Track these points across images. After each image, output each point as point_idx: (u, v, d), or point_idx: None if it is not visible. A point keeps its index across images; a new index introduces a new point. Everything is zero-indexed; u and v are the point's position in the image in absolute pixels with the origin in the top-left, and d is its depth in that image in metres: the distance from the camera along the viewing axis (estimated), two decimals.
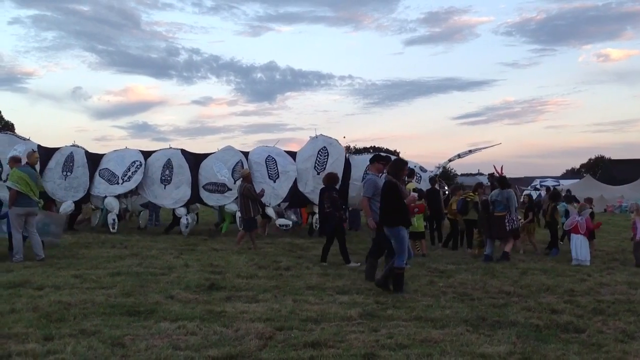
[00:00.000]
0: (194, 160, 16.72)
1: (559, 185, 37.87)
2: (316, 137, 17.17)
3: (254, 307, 7.03)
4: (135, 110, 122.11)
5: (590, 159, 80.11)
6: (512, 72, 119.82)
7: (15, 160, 11.15)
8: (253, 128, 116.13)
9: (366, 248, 11.20)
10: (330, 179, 11.61)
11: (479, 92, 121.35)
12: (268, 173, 16.42)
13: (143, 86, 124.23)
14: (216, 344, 5.44)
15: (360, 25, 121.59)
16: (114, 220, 15.93)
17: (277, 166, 16.50)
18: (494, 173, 14.12)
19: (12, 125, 67.47)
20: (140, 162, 16.56)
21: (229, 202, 16.13)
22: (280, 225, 16.39)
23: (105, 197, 16.17)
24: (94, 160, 16.80)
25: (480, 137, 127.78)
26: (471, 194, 13.96)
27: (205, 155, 17.00)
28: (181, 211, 16.14)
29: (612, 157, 73.71)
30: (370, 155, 15.47)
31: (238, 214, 15.82)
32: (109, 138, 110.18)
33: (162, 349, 5.24)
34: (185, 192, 16.23)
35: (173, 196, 16.36)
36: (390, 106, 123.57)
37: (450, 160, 19.74)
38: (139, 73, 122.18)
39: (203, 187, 16.35)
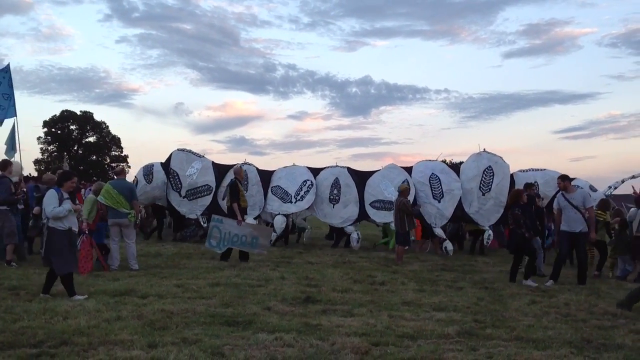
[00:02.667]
0: (358, 178, 16.91)
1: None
2: (479, 153, 16.46)
3: (350, 321, 7.02)
4: (233, 125, 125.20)
5: None
6: (617, 84, 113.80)
7: (114, 173, 11.96)
8: (347, 142, 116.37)
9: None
10: (514, 196, 11.23)
11: (582, 105, 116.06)
12: (432, 193, 16.07)
13: (241, 101, 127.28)
14: (312, 357, 5.46)
15: (457, 38, 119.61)
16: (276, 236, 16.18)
17: (441, 185, 16.08)
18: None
19: (119, 139, 71.25)
20: (312, 182, 16.80)
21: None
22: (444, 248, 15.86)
23: (278, 214, 16.34)
24: (264, 177, 17.14)
25: (583, 152, 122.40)
26: (599, 212, 12.82)
27: (370, 174, 17.07)
28: (350, 228, 16.49)
29: None
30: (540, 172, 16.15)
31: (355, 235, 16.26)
32: (208, 152, 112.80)
33: (260, 359, 5.32)
34: (354, 211, 16.46)
35: (341, 215, 16.57)
36: (488, 120, 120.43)
37: (623, 181, 18.46)
38: (237, 89, 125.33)
39: (370, 204, 16.43)
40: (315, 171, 17.27)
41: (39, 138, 67.44)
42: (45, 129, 67.08)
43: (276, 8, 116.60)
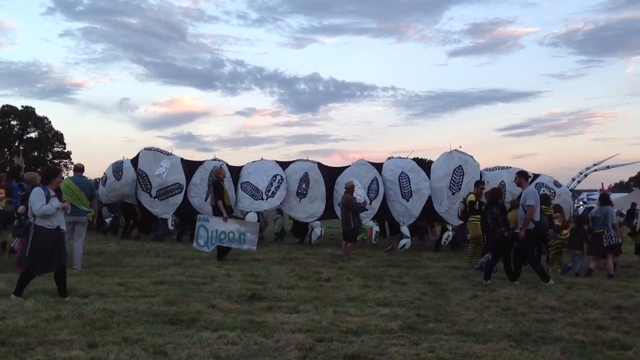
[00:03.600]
0: (329, 174, 16.77)
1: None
2: (450, 152, 16.51)
3: (295, 317, 7.03)
4: (180, 121, 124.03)
5: (639, 172, 78.01)
6: (558, 83, 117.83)
7: (74, 170, 11.79)
8: (296, 139, 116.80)
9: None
10: (493, 195, 11.24)
11: (524, 103, 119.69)
12: (401, 192, 16.01)
13: (188, 97, 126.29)
14: (256, 354, 5.46)
15: (403, 36, 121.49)
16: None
17: (410, 184, 16.05)
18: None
19: (62, 135, 69.56)
20: (282, 177, 16.55)
21: (366, 220, 15.85)
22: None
23: (250, 211, 16.00)
24: (234, 173, 16.81)
25: (525, 149, 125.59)
26: (543, 206, 13.16)
27: (340, 170, 16.94)
28: (315, 223, 16.42)
29: None
30: (506, 170, 16.28)
31: (375, 229, 16.25)
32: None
33: (203, 358, 5.29)
34: (320, 207, 16.32)
35: (307, 210, 16.46)
36: (433, 117, 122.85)
37: (582, 174, 18.72)
38: (184, 84, 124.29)
39: (339, 204, 15.95)
40: (284, 165, 17.10)
41: None
42: None
43: (224, 3, 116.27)
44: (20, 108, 66.66)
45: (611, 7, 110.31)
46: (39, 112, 67.63)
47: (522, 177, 11.17)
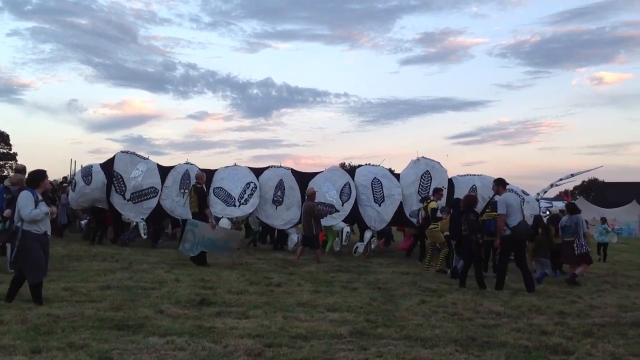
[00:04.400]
0: (302, 180, 16.82)
1: (552, 206, 37.86)
2: (418, 159, 16.90)
3: (244, 323, 7.01)
4: (130, 123, 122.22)
5: (583, 182, 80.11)
6: (506, 93, 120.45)
7: (15, 171, 11.47)
8: (248, 143, 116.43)
9: None
10: (469, 201, 11.35)
11: (473, 112, 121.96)
12: (374, 196, 16.31)
13: (139, 100, 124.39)
14: None
15: (356, 43, 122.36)
16: None
17: (382, 189, 16.35)
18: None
19: (8, 136, 67.66)
20: (255, 184, 16.56)
21: (336, 222, 16.14)
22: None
23: (222, 217, 15.85)
24: (207, 177, 16.34)
25: (474, 157, 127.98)
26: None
27: (312, 175, 17.10)
28: (291, 230, 16.45)
29: (606, 180, 74.00)
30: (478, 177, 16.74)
31: (346, 230, 16.63)
32: (103, 151, 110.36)
33: None
34: (296, 214, 16.22)
35: (284, 217, 16.44)
36: (385, 124, 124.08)
37: (552, 185, 19.05)
38: (135, 87, 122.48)
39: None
40: (257, 171, 17.18)
41: None
42: None
43: (176, 6, 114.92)
44: None
45: (558, 20, 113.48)
46: None
47: (500, 185, 11.12)
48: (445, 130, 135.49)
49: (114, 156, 16.98)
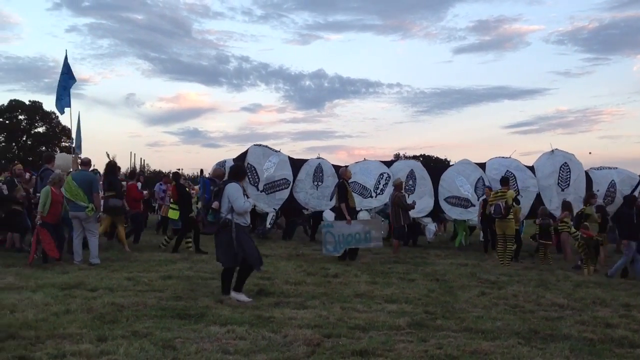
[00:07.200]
0: (431, 172, 17.05)
1: None
2: (552, 152, 16.70)
3: (302, 313, 7.04)
4: (186, 116, 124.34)
5: None
6: (564, 81, 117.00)
7: (81, 164, 12.07)
8: (302, 135, 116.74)
9: None
10: None
11: (530, 100, 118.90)
12: None
13: (194, 93, 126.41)
14: (264, 349, 5.46)
15: (408, 33, 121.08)
16: None
17: (516, 182, 16.07)
18: None
19: (69, 130, 69.42)
20: (388, 174, 16.82)
21: (473, 216, 16.00)
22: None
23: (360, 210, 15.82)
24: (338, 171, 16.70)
25: (532, 147, 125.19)
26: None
27: (442, 168, 17.42)
28: (427, 220, 16.56)
29: None
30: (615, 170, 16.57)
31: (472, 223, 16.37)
32: (161, 144, 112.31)
33: (211, 352, 5.30)
34: (428, 203, 16.42)
35: (417, 206, 16.32)
36: (439, 114, 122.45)
37: None
38: (190, 80, 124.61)
39: (445, 199, 16.41)
40: (387, 164, 17.50)
41: None
42: None
43: (229, 0, 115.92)
44: (27, 103, 66.74)
45: (615, 5, 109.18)
46: (47, 107, 67.40)
47: None
48: (501, 119, 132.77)
49: (247, 149, 17.42)
